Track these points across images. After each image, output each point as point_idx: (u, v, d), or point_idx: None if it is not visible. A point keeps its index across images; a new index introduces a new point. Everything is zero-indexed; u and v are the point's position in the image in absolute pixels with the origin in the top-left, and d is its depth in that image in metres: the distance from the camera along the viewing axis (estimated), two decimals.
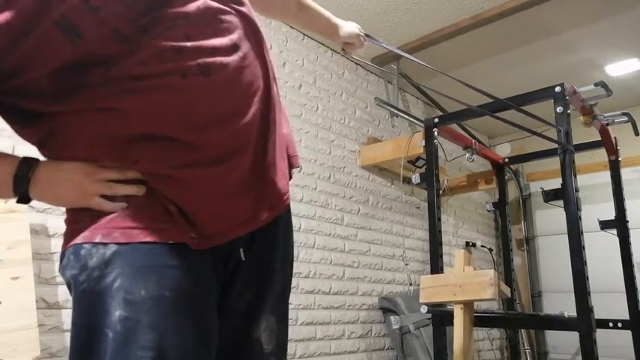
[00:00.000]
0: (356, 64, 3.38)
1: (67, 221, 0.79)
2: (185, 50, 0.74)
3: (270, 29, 2.78)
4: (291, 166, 0.95)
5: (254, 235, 0.87)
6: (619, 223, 2.42)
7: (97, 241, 0.73)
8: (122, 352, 0.69)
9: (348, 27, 1.27)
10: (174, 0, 0.74)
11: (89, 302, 0.72)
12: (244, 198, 0.82)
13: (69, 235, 0.77)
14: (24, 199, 0.76)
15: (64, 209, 0.82)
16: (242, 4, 0.84)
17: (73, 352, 0.73)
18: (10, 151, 1.69)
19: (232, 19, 0.81)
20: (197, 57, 0.74)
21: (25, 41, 0.67)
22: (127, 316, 0.70)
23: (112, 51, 0.71)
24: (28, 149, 0.79)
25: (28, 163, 0.75)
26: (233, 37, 0.80)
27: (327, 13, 1.22)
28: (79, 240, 0.75)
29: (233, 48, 0.79)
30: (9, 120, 0.78)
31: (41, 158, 0.79)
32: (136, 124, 0.73)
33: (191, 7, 0.75)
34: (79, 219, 0.77)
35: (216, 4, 0.79)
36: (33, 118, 0.75)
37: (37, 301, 1.57)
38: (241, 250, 0.85)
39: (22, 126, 0.78)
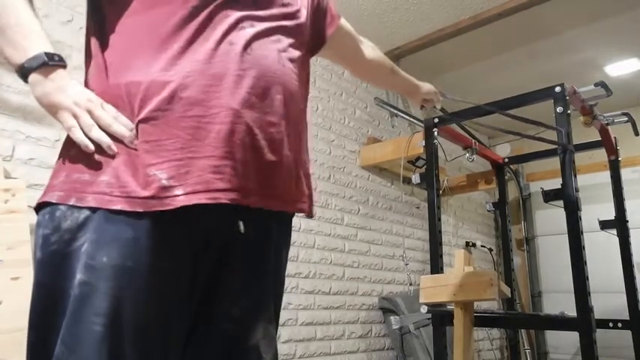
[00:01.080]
0: None
1: (51, 176, 0.81)
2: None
3: None
4: (301, 204, 0.91)
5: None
6: (619, 223, 2.42)
7: (71, 203, 0.75)
8: (78, 315, 0.71)
9: (426, 87, 1.52)
10: None
11: (58, 263, 0.74)
12: (237, 169, 0.78)
13: (47, 189, 0.79)
14: (23, 74, 0.77)
15: None
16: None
17: (35, 310, 0.75)
18: (9, 152, 1.70)
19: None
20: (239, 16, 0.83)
21: None
22: (85, 281, 0.72)
23: None
24: (27, 150, 0.78)
25: (55, 57, 0.78)
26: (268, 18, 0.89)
27: (410, 77, 1.46)
28: (54, 199, 0.76)
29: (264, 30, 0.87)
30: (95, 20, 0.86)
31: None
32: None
33: None
34: (57, 172, 0.79)
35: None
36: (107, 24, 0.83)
37: None
38: (241, 223, 0.82)
39: (95, 30, 0.85)
